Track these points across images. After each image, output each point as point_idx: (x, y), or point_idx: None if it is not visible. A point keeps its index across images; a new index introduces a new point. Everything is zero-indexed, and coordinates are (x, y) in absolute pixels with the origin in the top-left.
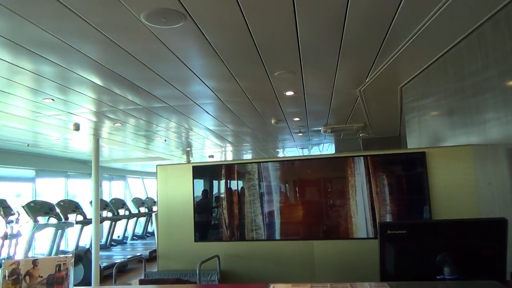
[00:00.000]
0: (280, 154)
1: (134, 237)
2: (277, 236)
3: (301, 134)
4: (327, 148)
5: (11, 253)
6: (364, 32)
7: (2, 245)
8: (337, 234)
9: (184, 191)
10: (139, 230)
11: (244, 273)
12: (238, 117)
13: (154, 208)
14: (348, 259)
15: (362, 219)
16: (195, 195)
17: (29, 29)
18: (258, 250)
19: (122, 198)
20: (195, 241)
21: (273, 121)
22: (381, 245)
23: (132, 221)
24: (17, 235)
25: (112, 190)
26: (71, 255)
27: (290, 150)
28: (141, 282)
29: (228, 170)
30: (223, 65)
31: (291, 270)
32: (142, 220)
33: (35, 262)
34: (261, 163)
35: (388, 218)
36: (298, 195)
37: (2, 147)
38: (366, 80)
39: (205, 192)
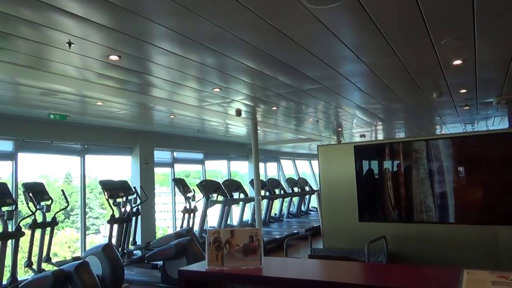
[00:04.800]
0: (439, 131)
1: (289, 215)
2: (452, 219)
3: (467, 107)
4: (498, 123)
5: (190, 226)
6: None
7: (184, 218)
8: None
9: (346, 170)
10: (292, 209)
11: (414, 256)
12: (394, 92)
13: (306, 188)
14: None
15: None
16: (357, 175)
17: (201, 24)
18: (429, 233)
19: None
20: (360, 220)
21: (434, 95)
22: None
23: (286, 200)
24: (194, 209)
25: (267, 171)
26: (261, 228)
27: (452, 127)
28: (310, 256)
29: (392, 149)
30: (382, 39)
31: (468, 256)
32: (295, 199)
33: (232, 232)
34: (430, 141)
35: None
36: (475, 174)
37: (178, 134)
38: None
39: (368, 171)
